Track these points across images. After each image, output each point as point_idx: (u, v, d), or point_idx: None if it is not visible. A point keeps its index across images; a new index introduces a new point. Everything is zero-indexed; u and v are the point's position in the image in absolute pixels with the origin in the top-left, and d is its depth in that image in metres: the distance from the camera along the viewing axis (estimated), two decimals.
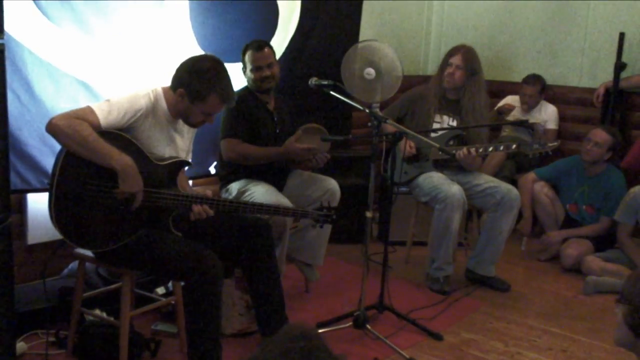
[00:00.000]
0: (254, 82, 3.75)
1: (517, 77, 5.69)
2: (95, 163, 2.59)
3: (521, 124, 4.55)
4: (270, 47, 3.83)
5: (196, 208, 2.79)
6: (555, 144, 4.12)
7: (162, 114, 2.83)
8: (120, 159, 2.58)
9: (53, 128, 2.56)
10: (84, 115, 2.60)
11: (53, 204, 2.61)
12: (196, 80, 2.77)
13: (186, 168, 2.96)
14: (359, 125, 5.37)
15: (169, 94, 2.85)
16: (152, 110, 2.78)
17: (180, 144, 2.94)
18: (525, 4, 5.85)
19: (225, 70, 2.87)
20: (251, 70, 3.73)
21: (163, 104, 2.83)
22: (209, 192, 2.88)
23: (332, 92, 3.39)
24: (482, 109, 4.21)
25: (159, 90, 2.85)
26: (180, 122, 2.92)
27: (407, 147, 4.01)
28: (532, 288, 4.33)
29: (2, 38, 2.49)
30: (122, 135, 2.69)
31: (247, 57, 3.75)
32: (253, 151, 3.67)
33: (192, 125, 2.94)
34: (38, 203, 3.42)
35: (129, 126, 2.71)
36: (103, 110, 2.64)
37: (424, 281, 4.25)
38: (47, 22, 3.27)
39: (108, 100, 2.70)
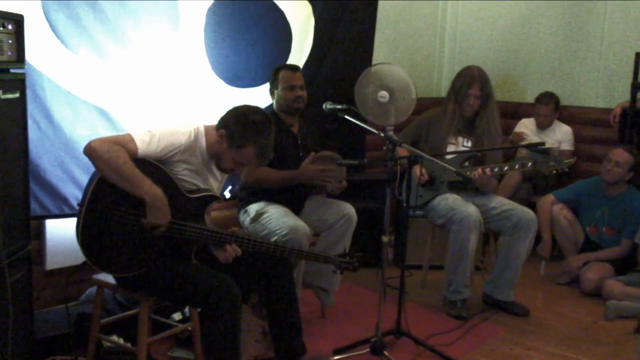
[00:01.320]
0: (285, 101, 3.76)
1: (531, 98, 5.67)
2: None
3: (537, 147, 4.53)
4: (302, 73, 3.88)
5: (228, 249, 2.80)
6: (572, 160, 4.08)
7: (200, 152, 2.85)
8: (151, 191, 2.61)
9: (90, 151, 2.59)
10: (123, 142, 2.63)
11: (81, 226, 2.62)
12: (240, 127, 2.79)
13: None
14: (373, 148, 5.37)
15: (210, 133, 2.87)
16: (190, 147, 2.79)
17: (212, 184, 2.96)
18: (538, 25, 5.85)
19: (272, 130, 2.88)
20: (284, 89, 3.74)
21: (202, 142, 2.85)
22: (235, 229, 2.88)
23: (346, 116, 3.40)
24: (497, 130, 4.21)
25: (201, 128, 2.87)
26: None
27: (420, 173, 4.02)
28: (552, 313, 4.28)
29: (23, 67, 2.52)
30: (156, 165, 2.71)
31: (280, 76, 3.76)
32: (270, 175, 3.66)
33: (221, 169, 2.94)
34: (56, 229, 3.44)
35: (164, 160, 2.74)
36: (143, 140, 2.67)
37: (441, 306, 4.22)
38: (65, 50, 3.31)
39: (149, 131, 2.73)
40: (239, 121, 2.81)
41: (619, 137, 5.22)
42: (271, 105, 3.90)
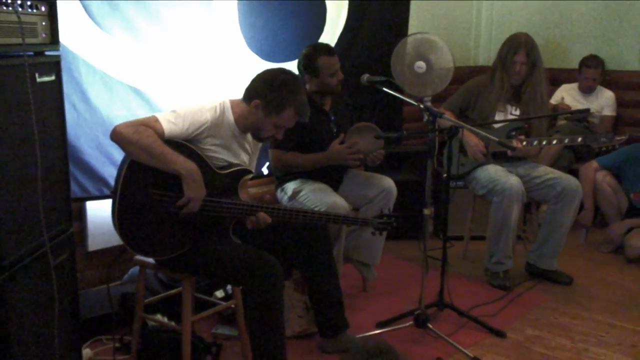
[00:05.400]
0: (328, 87, 3.64)
1: (573, 64, 5.53)
2: (159, 171, 2.60)
3: (582, 114, 4.40)
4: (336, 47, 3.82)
5: (253, 217, 2.78)
6: (624, 137, 3.97)
7: (228, 127, 2.81)
8: (185, 164, 2.59)
9: (117, 135, 2.57)
10: (149, 124, 2.61)
11: (116, 212, 2.62)
12: (275, 92, 2.77)
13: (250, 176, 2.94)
14: (411, 119, 5.30)
15: (238, 106, 2.83)
16: (217, 123, 2.76)
17: (243, 158, 2.92)
18: None
19: (302, 85, 2.89)
20: (328, 76, 3.62)
21: (230, 117, 2.81)
22: (268, 196, 2.86)
23: (384, 89, 3.34)
24: (544, 99, 4.12)
25: (227, 103, 2.83)
26: (246, 136, 2.90)
27: (476, 146, 3.98)
28: (596, 281, 4.20)
29: (58, 49, 2.52)
30: (185, 145, 2.69)
31: (320, 64, 3.60)
32: (298, 160, 3.62)
33: (260, 139, 2.92)
34: (97, 210, 3.48)
35: (192, 138, 2.71)
36: (168, 120, 2.64)
37: (484, 276, 4.17)
38: (99, 31, 3.31)
39: (174, 111, 2.70)
40: (271, 87, 2.78)
41: None
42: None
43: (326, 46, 3.73)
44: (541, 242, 4.13)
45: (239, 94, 2.89)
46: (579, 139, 4.00)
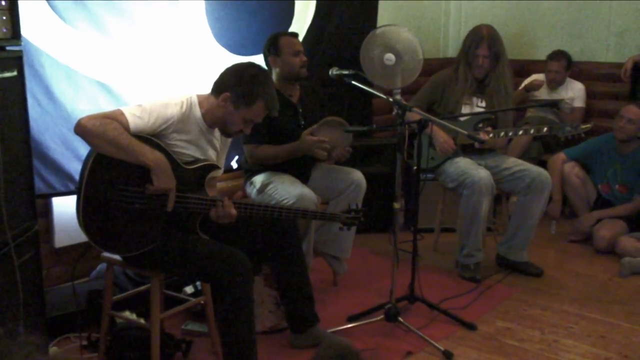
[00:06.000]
0: (291, 67, 3.62)
1: (542, 55, 5.57)
2: (125, 167, 2.54)
3: (552, 105, 4.42)
4: (304, 38, 3.79)
5: (213, 212, 2.70)
6: (589, 125, 4.01)
7: (195, 122, 2.76)
8: (152, 155, 2.55)
9: (82, 129, 2.51)
10: (114, 117, 2.56)
11: (81, 208, 2.57)
12: (245, 85, 2.73)
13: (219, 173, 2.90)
14: (380, 112, 5.29)
15: (206, 101, 2.79)
16: (183, 119, 2.71)
17: (211, 154, 2.88)
18: None
19: (271, 80, 2.87)
20: (290, 55, 3.61)
21: (197, 112, 2.76)
22: (239, 194, 2.84)
23: (353, 82, 3.33)
24: (508, 90, 4.14)
25: (194, 98, 2.79)
26: (214, 132, 2.86)
27: (446, 143, 3.99)
28: (566, 272, 4.24)
29: (20, 44, 2.47)
30: (151, 140, 2.64)
31: (282, 43, 3.61)
32: (271, 152, 3.59)
33: (228, 134, 2.87)
34: (63, 206, 3.42)
35: (158, 133, 2.66)
36: (133, 114, 2.59)
37: (454, 269, 4.19)
38: (63, 24, 3.24)
39: (140, 105, 2.65)
40: (241, 79, 2.74)
41: (631, 92, 5.14)
42: None
43: (290, 31, 3.74)
44: (511, 233, 4.15)
45: (208, 88, 2.85)
46: (545, 129, 4.04)
